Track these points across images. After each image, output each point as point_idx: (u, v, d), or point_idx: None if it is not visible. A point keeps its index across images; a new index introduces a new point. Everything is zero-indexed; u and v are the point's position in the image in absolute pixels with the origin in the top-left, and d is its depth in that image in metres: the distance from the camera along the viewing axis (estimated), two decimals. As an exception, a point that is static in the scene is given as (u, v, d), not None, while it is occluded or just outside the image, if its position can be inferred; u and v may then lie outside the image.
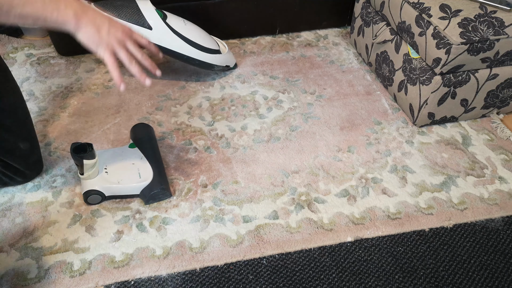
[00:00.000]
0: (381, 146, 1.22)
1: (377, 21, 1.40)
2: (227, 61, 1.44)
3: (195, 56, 1.33)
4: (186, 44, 1.30)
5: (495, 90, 1.21)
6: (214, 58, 1.37)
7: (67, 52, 1.56)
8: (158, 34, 1.26)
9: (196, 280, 0.90)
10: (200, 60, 1.35)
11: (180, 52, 1.31)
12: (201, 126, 1.28)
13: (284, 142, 1.23)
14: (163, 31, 1.27)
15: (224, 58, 1.41)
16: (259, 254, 0.95)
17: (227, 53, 1.43)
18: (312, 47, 1.63)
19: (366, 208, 1.05)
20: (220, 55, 1.39)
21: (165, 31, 1.27)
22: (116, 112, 1.32)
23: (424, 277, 0.92)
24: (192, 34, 1.33)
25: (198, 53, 1.33)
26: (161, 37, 1.27)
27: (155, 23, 1.26)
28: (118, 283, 0.89)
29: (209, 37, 1.40)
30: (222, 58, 1.40)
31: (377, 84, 1.45)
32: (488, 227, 1.02)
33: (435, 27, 1.10)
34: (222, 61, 1.41)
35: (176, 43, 1.29)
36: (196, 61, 1.35)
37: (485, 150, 1.21)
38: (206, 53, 1.35)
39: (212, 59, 1.37)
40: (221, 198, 1.07)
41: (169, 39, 1.28)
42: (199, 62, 1.36)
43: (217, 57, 1.38)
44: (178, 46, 1.30)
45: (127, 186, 1.02)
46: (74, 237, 0.98)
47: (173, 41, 1.29)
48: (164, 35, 1.27)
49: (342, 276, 0.92)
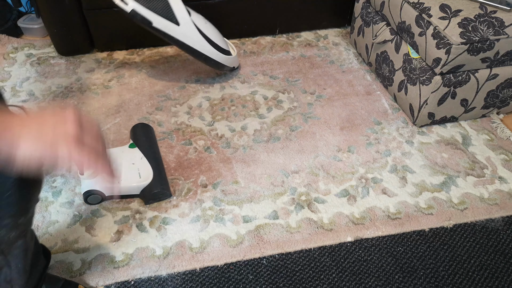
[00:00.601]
0: (381, 146, 1.22)
1: (377, 21, 1.40)
2: (235, 63, 1.45)
3: (213, 56, 1.33)
4: (207, 44, 1.30)
5: (495, 90, 1.21)
6: (227, 59, 1.38)
7: (67, 52, 1.56)
8: (184, 30, 1.25)
9: (196, 280, 0.90)
10: (215, 61, 1.35)
11: (201, 51, 1.30)
12: (201, 126, 1.28)
13: (284, 142, 1.23)
14: (190, 28, 1.25)
15: (234, 59, 1.42)
16: (259, 254, 0.95)
17: (236, 55, 1.44)
18: (312, 47, 1.63)
19: (366, 208, 1.05)
20: (231, 57, 1.40)
21: (191, 29, 1.26)
22: (116, 112, 1.32)
23: (424, 277, 0.91)
24: (212, 34, 1.33)
25: (216, 53, 1.33)
26: (187, 34, 1.26)
27: (183, 19, 1.24)
28: (118, 283, 0.89)
29: (222, 37, 1.41)
30: (232, 59, 1.41)
31: (377, 84, 1.45)
32: (488, 227, 1.01)
33: (435, 27, 1.10)
34: (232, 62, 1.42)
35: (199, 42, 1.28)
36: (212, 61, 1.35)
37: (485, 150, 1.21)
38: (222, 54, 1.35)
39: (225, 60, 1.37)
40: (221, 198, 1.07)
41: (195, 38, 1.27)
42: (214, 62, 1.36)
43: (229, 58, 1.39)
44: (200, 45, 1.29)
45: (127, 186, 1.02)
46: (74, 237, 0.98)
47: (197, 40, 1.28)
48: (190, 32, 1.26)
49: (342, 276, 0.92)
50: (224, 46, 1.37)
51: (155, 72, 1.49)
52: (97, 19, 1.47)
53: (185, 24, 1.25)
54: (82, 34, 1.51)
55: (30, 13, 1.72)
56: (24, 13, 1.72)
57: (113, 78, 1.46)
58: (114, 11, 1.46)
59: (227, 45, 1.41)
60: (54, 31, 1.48)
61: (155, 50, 1.60)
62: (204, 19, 1.34)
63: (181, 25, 1.24)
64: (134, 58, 1.56)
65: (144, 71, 1.49)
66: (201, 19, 1.32)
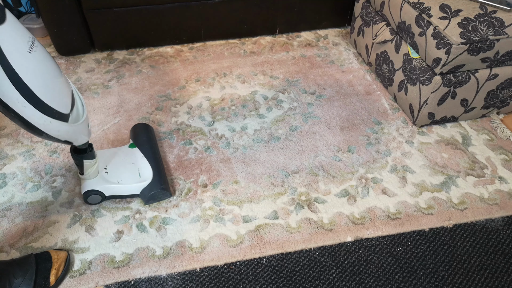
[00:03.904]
0: (381, 146, 1.22)
1: (377, 21, 1.40)
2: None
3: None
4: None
5: (495, 90, 1.21)
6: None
7: (67, 52, 1.56)
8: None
9: (196, 280, 0.90)
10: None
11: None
12: (201, 126, 1.28)
13: (284, 142, 1.23)
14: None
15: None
16: (259, 254, 0.95)
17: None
18: (312, 47, 1.63)
19: (366, 208, 1.05)
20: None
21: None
22: (116, 112, 1.32)
23: (424, 277, 0.91)
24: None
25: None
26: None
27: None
28: (118, 283, 0.89)
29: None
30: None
31: (377, 84, 1.45)
32: (488, 227, 1.01)
33: (435, 27, 1.10)
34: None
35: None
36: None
37: (485, 150, 1.21)
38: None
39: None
40: (221, 198, 1.07)
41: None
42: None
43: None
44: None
45: (127, 186, 1.02)
46: (74, 237, 0.98)
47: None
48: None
49: (342, 276, 0.92)
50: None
51: (155, 72, 1.49)
52: (97, 19, 1.47)
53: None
54: (82, 34, 1.51)
55: (30, 13, 1.72)
56: (24, 13, 1.72)
57: (113, 78, 1.46)
58: (114, 11, 1.46)
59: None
60: (54, 31, 1.48)
61: (155, 50, 1.60)
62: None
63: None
64: (134, 58, 1.56)
65: (144, 71, 1.49)
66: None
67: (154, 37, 1.59)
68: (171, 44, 1.63)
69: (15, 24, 0.68)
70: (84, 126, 0.85)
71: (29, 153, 1.17)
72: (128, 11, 1.47)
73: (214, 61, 1.55)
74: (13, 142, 1.21)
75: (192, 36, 1.62)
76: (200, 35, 1.62)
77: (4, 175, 1.11)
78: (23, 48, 0.68)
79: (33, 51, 0.70)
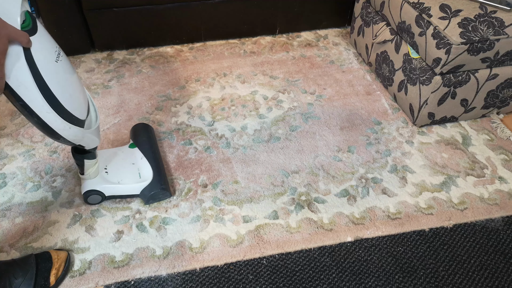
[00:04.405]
0: (381, 146, 1.22)
1: (377, 21, 1.40)
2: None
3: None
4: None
5: (495, 90, 1.21)
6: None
7: (67, 52, 1.54)
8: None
9: (196, 280, 0.90)
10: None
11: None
12: (201, 126, 1.28)
13: (284, 142, 1.23)
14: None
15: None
16: (259, 254, 0.95)
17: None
18: (312, 47, 1.63)
19: (366, 208, 1.05)
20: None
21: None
22: (116, 112, 1.32)
23: (424, 277, 0.91)
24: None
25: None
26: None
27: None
28: (118, 283, 0.89)
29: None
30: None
31: (377, 84, 1.45)
32: (488, 227, 1.01)
33: (435, 27, 1.10)
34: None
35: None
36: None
37: (485, 150, 1.21)
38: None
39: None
40: (221, 198, 1.07)
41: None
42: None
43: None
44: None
45: (127, 186, 1.02)
46: (74, 237, 0.98)
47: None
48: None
49: (342, 276, 0.92)
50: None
51: (155, 72, 1.49)
52: (97, 19, 1.47)
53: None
54: (82, 34, 1.51)
55: (30, 13, 1.72)
56: (24, 13, 1.72)
57: (113, 78, 1.46)
58: (114, 11, 1.46)
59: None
60: (54, 31, 1.47)
61: (155, 50, 1.60)
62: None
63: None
64: (134, 58, 1.56)
65: (144, 71, 1.49)
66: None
67: (154, 37, 1.59)
68: (171, 44, 1.63)
69: (45, 35, 0.72)
70: (97, 131, 0.90)
71: (29, 153, 1.17)
72: (128, 11, 1.47)
73: (214, 61, 1.55)
74: (13, 142, 1.21)
75: (192, 36, 1.62)
76: (200, 35, 1.62)
77: (4, 175, 1.11)
78: (51, 58, 0.72)
79: (59, 60, 0.74)
